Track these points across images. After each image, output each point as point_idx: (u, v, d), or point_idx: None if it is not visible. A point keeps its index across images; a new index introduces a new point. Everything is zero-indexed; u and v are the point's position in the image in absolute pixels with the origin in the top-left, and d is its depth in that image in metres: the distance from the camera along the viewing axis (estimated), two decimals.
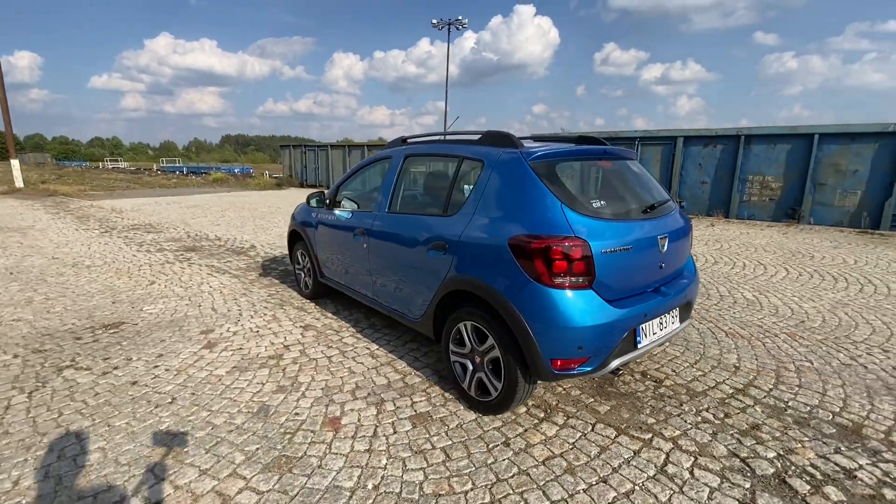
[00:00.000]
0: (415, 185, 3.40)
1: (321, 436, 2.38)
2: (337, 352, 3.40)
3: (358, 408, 2.64)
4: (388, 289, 3.29)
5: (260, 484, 2.03)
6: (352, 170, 3.99)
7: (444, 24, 41.41)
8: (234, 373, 3.05)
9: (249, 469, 2.12)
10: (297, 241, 4.71)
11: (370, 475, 2.09)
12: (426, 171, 3.32)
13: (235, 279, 5.35)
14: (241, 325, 3.89)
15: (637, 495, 1.98)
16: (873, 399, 2.83)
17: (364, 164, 3.87)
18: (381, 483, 2.04)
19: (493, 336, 2.38)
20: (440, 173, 3.05)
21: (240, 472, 2.10)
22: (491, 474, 2.10)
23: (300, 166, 21.10)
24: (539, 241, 2.17)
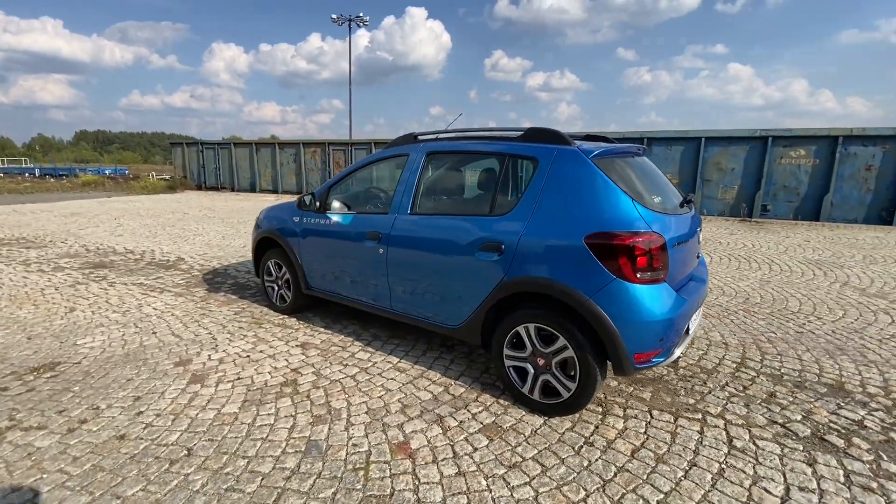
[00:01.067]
0: (443, 184, 3.20)
1: (398, 465, 2.12)
2: (357, 369, 3.07)
3: (419, 428, 2.41)
4: (414, 297, 3.05)
5: None
6: (347, 169, 3.63)
7: (344, 19, 40.11)
8: (250, 408, 2.59)
9: None
10: (269, 250, 4.17)
11: (479, 500, 1.91)
12: (454, 168, 3.15)
13: (182, 298, 4.56)
14: (224, 351, 3.32)
15: (730, 473, 2.10)
16: (835, 359, 3.37)
17: (365, 163, 3.54)
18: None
19: (565, 336, 2.34)
20: (478, 171, 2.92)
21: None
22: (595, 477, 2.06)
23: (197, 167, 18.79)
24: (621, 238, 2.18)
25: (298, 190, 16.93)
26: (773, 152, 11.15)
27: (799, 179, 11.13)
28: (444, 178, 3.16)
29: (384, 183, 3.89)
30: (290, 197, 16.00)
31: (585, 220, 2.30)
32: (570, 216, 2.35)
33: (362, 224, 3.31)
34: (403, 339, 3.60)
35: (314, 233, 3.65)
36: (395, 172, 3.24)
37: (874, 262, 6.55)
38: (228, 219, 10.36)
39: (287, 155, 17.01)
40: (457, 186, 3.14)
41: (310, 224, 3.68)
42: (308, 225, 3.69)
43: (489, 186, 2.75)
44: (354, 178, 3.62)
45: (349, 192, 3.66)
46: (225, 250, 6.91)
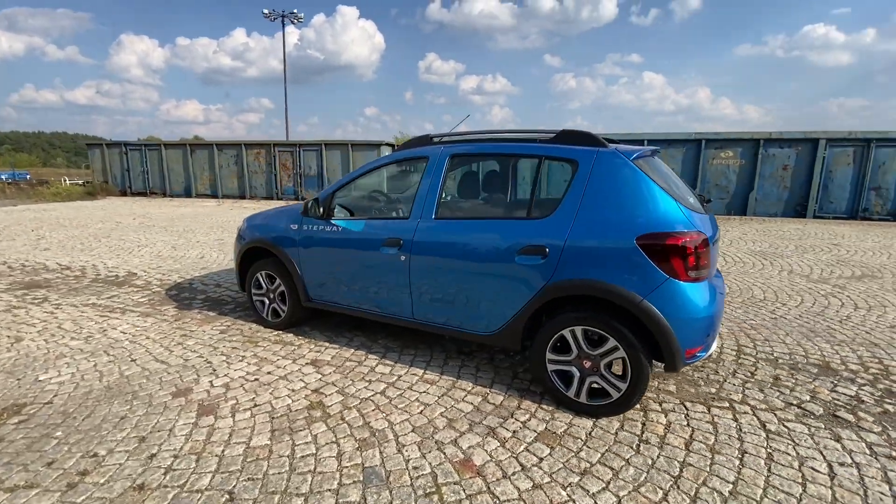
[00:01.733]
0: (470, 188, 3.09)
1: (470, 485, 2.01)
2: (384, 385, 2.89)
3: (474, 442, 2.31)
4: (439, 305, 2.93)
5: None
6: (353, 174, 3.41)
7: (276, 15, 38.34)
8: (282, 437, 2.34)
9: None
10: (258, 262, 3.82)
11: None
12: (481, 171, 3.06)
13: (151, 318, 4.05)
14: (227, 376, 2.99)
15: (778, 456, 2.23)
16: (812, 341, 3.73)
17: (374, 167, 3.35)
18: None
19: (616, 337, 2.36)
20: (508, 174, 2.86)
21: None
22: (665, 475, 2.09)
23: (120, 170, 16.94)
24: (674, 238, 2.24)
25: (241, 194, 15.88)
26: (706, 154, 12.21)
27: (728, 178, 12.29)
28: (471, 181, 3.07)
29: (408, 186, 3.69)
30: (232, 202, 15.00)
31: (635, 222, 2.33)
32: (619, 218, 2.37)
33: (378, 230, 3.12)
34: (417, 348, 3.45)
35: (318, 241, 3.39)
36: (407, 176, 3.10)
37: (806, 251, 7.37)
38: (171, 227, 9.44)
39: (227, 157, 15.87)
40: (485, 189, 3.06)
41: (312, 232, 3.42)
42: (310, 233, 3.43)
43: (524, 189, 2.72)
44: (362, 183, 3.41)
45: (355, 198, 3.45)
46: (181, 262, 6.27)
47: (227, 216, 11.34)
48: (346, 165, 14.77)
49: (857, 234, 9.27)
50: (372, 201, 3.67)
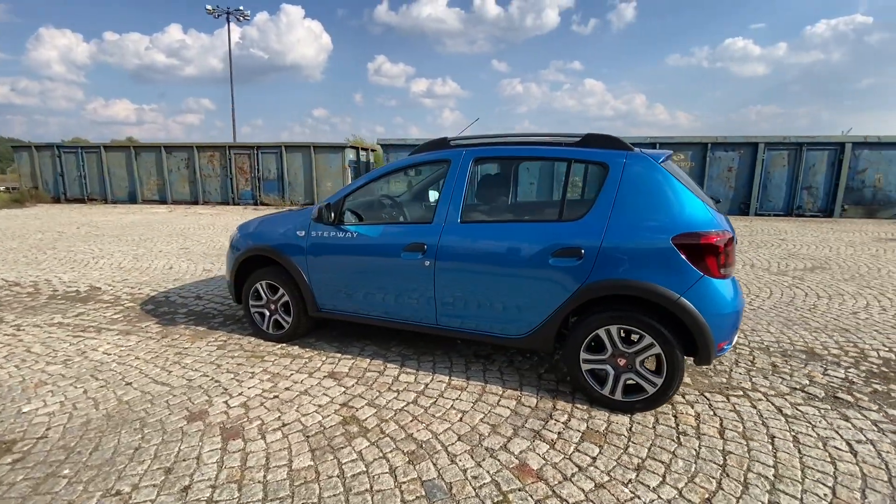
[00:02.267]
0: (496, 191, 3.06)
1: (535, 489, 1.99)
2: (413, 394, 2.82)
3: (524, 447, 2.30)
4: (466, 310, 2.90)
5: None
6: (367, 177, 3.29)
7: (220, 12, 36.55)
8: (325, 457, 2.21)
9: None
10: (257, 271, 3.60)
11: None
12: (506, 174, 3.04)
13: (134, 336, 3.70)
14: (242, 395, 2.78)
15: (803, 439, 2.39)
16: (792, 329, 4.04)
17: (389, 171, 3.25)
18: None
19: (652, 334, 2.44)
20: (535, 176, 2.87)
21: None
22: (713, 465, 2.18)
23: (53, 175, 15.39)
24: (708, 237, 2.35)
25: (193, 200, 14.94)
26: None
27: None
28: (497, 184, 3.05)
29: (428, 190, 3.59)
30: (185, 208, 14.10)
31: (669, 222, 2.42)
32: (653, 219, 2.45)
33: (397, 235, 3.04)
34: (434, 354, 3.39)
35: (330, 248, 3.25)
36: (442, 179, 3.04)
37: (760, 247, 8.00)
38: (124, 236, 8.69)
39: (177, 160, 14.86)
40: (512, 192, 3.06)
41: (323, 238, 3.27)
42: (321, 239, 3.27)
43: (553, 191, 2.75)
44: (377, 187, 3.31)
45: (373, 203, 3.33)
46: (148, 274, 5.79)
47: (184, 223, 10.62)
48: (308, 169, 14.30)
49: (797, 229, 10.19)
50: (384, 206, 3.57)
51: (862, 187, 12.06)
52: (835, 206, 12.14)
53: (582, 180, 2.77)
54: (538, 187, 13.15)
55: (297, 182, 14.47)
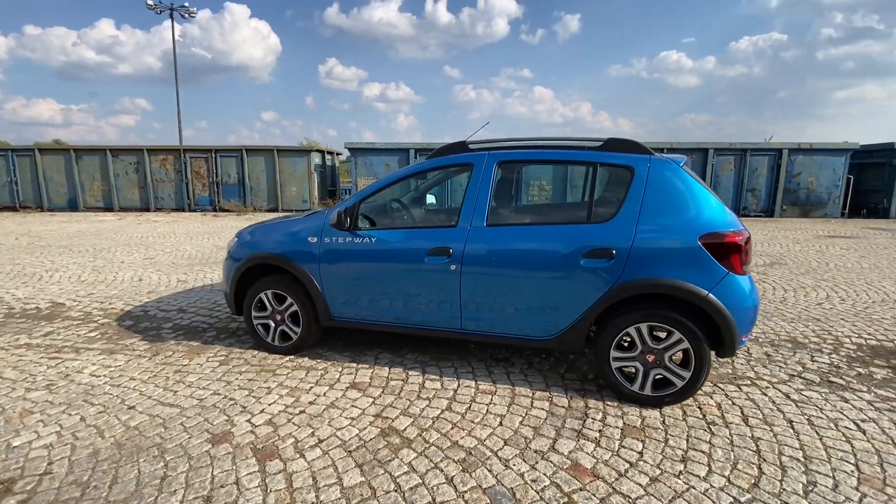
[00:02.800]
0: (521, 194, 3.07)
1: (596, 488, 2.01)
2: (445, 400, 2.77)
3: (572, 447, 2.32)
4: (494, 313, 2.89)
5: None
6: (383, 182, 3.20)
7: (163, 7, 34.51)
8: (374, 471, 2.12)
9: None
10: (260, 281, 3.41)
11: (695, 499, 1.96)
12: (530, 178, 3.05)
13: (121, 355, 3.39)
14: (264, 412, 2.62)
15: (817, 421, 2.57)
16: (772, 321, 4.35)
17: (409, 174, 3.19)
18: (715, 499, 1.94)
19: (681, 330, 2.55)
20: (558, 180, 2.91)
21: None
22: (747, 451, 2.30)
23: None
24: (732, 237, 2.48)
25: (144, 206, 13.94)
26: None
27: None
28: (519, 187, 3.07)
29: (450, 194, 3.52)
30: (136, 216, 13.17)
31: (695, 223, 2.54)
32: (679, 220, 2.57)
33: (420, 240, 2.99)
34: (450, 359, 3.36)
35: (347, 255, 3.13)
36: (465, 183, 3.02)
37: None
38: (74, 247, 7.95)
39: (125, 164, 13.82)
40: (537, 195, 3.08)
41: (338, 245, 3.15)
42: (336, 245, 3.15)
43: (580, 194, 2.81)
44: (393, 191, 3.23)
45: (381, 207, 3.24)
46: (117, 287, 5.32)
47: (139, 232, 9.88)
48: (271, 173, 13.75)
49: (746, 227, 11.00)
50: (396, 210, 3.50)
51: (797, 189, 13.25)
52: (775, 206, 13.25)
53: (606, 183, 2.85)
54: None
55: (260, 187, 13.87)
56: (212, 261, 6.82)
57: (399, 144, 13.63)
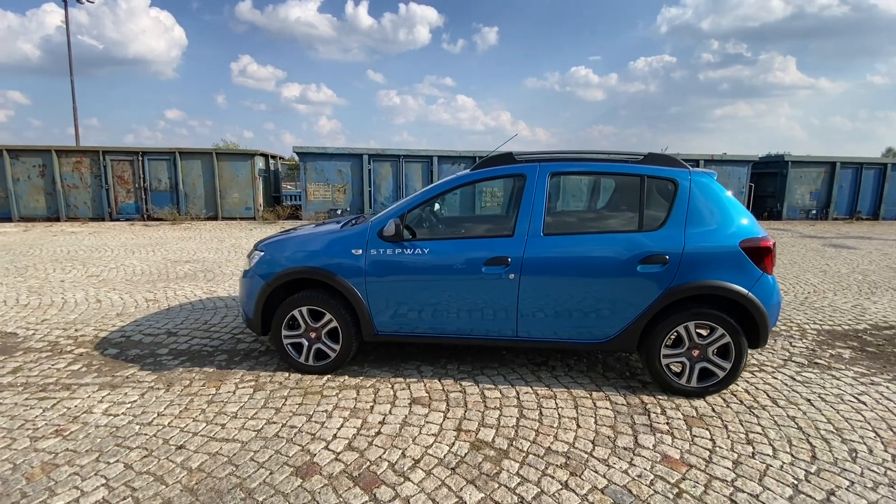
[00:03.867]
0: (573, 204, 3.17)
1: (692, 475, 2.19)
2: (513, 408, 2.80)
3: (653, 441, 2.48)
4: (550, 319, 2.99)
5: None
6: (429, 192, 3.15)
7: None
8: (488, 485, 2.10)
9: None
10: (293, 296, 3.18)
11: (778, 476, 2.20)
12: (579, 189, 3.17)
13: (127, 389, 2.97)
14: (339, 437, 2.46)
15: (827, 398, 3.00)
16: None
17: (459, 184, 3.17)
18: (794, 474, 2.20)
19: (723, 326, 2.84)
20: (612, 191, 3.08)
21: None
22: (792, 429, 2.62)
23: None
24: (766, 241, 2.83)
25: (52, 215, 12.10)
26: None
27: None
28: (575, 198, 3.19)
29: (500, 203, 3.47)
30: (45, 226, 11.46)
31: (734, 230, 2.86)
32: (721, 227, 2.87)
33: (476, 249, 3.00)
34: (492, 367, 3.40)
35: (397, 266, 3.05)
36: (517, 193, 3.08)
37: None
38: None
39: (27, 167, 11.88)
40: (589, 205, 3.21)
41: (387, 257, 3.05)
42: (384, 258, 3.05)
43: (631, 205, 3.01)
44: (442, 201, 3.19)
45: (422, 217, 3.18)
46: (73, 311, 4.60)
47: (61, 244, 8.55)
48: (210, 178, 12.66)
49: None
50: (440, 220, 3.47)
51: None
52: None
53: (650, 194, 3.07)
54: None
55: (197, 193, 12.70)
56: (176, 276, 6.15)
57: (353, 150, 13.28)
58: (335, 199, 13.54)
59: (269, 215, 12.49)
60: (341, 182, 13.49)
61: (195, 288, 5.56)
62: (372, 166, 13.48)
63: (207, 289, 5.53)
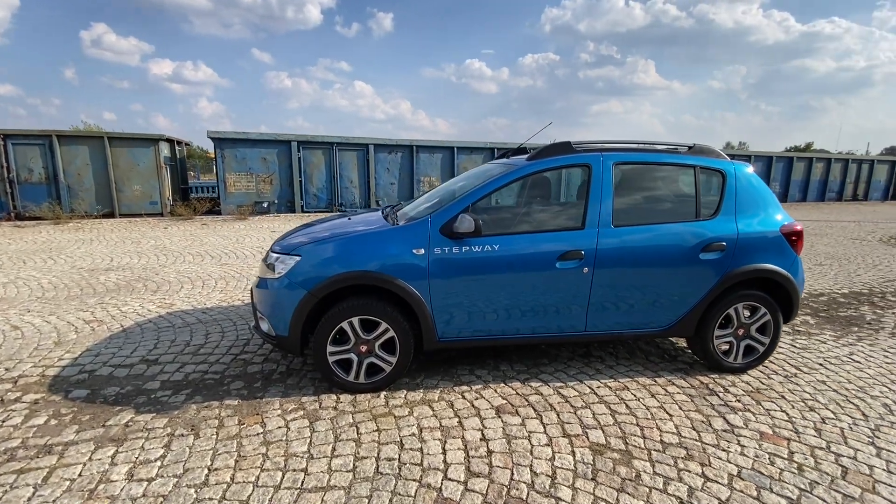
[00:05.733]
0: (637, 194, 3.09)
1: (794, 447, 2.34)
2: (598, 405, 2.75)
3: (739, 420, 2.61)
4: (617, 311, 2.98)
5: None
6: (497, 182, 2.88)
7: None
8: (637, 491, 2.02)
9: None
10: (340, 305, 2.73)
11: (841, 436, 2.45)
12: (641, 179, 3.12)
13: (143, 442, 2.31)
14: (445, 464, 2.18)
15: (830, 359, 3.44)
16: None
17: (524, 175, 2.95)
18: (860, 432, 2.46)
19: (765, 305, 3.09)
20: (669, 181, 3.11)
21: None
22: (832, 392, 2.95)
23: None
24: (799, 227, 3.11)
25: None
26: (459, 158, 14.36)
27: None
28: (636, 188, 3.12)
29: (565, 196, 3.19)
30: None
31: (774, 217, 3.10)
32: (764, 215, 3.09)
33: (549, 243, 2.85)
34: (545, 363, 3.31)
35: (466, 265, 2.77)
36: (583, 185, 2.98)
37: None
38: None
39: None
40: (648, 196, 3.17)
41: (454, 255, 2.75)
42: (451, 256, 2.75)
43: (684, 194, 3.08)
44: (507, 194, 2.95)
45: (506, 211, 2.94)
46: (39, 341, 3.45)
47: None
48: (102, 167, 10.52)
49: None
50: (504, 213, 3.24)
51: None
52: None
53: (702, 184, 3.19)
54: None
55: (84, 186, 10.48)
56: (105, 289, 4.98)
57: (280, 136, 12.05)
58: (260, 190, 12.22)
59: (183, 210, 10.80)
60: (267, 171, 12.21)
61: (144, 302, 4.57)
62: (302, 154, 12.40)
63: (161, 302, 4.58)
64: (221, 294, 4.91)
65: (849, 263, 7.11)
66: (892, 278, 6.18)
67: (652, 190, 3.15)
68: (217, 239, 8.33)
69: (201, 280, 5.47)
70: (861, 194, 21.25)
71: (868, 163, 21.47)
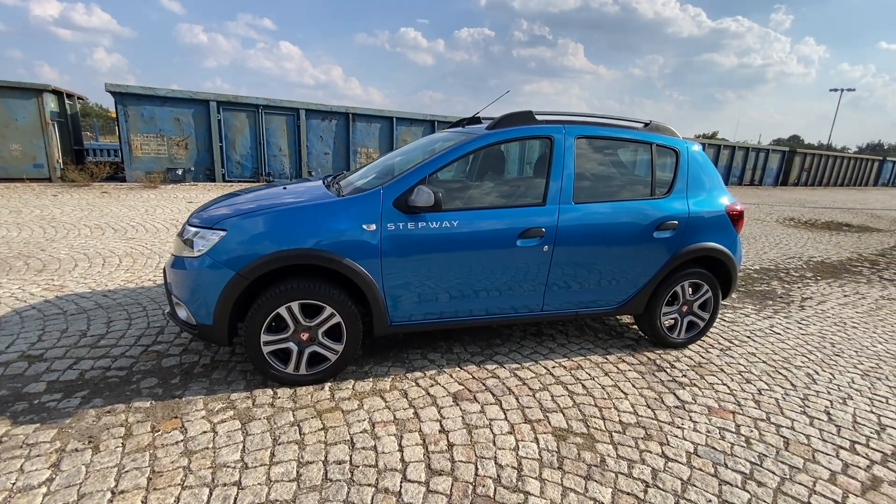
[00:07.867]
0: (594, 170, 2.94)
1: (740, 419, 2.43)
2: (556, 386, 2.68)
3: (688, 396, 2.67)
4: (573, 291, 2.90)
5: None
6: (454, 153, 2.60)
7: None
8: (604, 477, 1.95)
9: None
10: (275, 288, 2.36)
11: (790, 407, 2.61)
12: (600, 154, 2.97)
13: (25, 461, 1.83)
14: (403, 462, 1.96)
15: (805, 325, 3.70)
16: None
17: (483, 146, 2.68)
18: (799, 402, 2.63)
19: (707, 282, 3.20)
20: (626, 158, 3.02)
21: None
22: (777, 365, 3.15)
23: None
24: (740, 207, 3.21)
25: None
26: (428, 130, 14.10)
27: None
28: (594, 163, 2.98)
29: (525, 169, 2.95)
30: None
31: (720, 197, 3.17)
32: (711, 194, 3.14)
33: (510, 219, 2.67)
34: (494, 345, 3.20)
35: (423, 242, 2.50)
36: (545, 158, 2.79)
37: None
38: None
39: None
40: (607, 172, 3.05)
41: (409, 231, 2.47)
42: (405, 232, 2.46)
43: (641, 171, 3.03)
44: (458, 166, 2.67)
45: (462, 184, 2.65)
46: None
47: None
48: None
49: None
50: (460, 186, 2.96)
51: None
52: None
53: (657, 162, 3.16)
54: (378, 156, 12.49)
55: None
56: None
57: (195, 94, 10.67)
58: (174, 155, 10.85)
59: (78, 175, 9.25)
60: (181, 135, 10.83)
61: (24, 283, 3.78)
62: (223, 116, 11.13)
63: (48, 284, 3.81)
64: (127, 273, 4.21)
65: (756, 242, 7.84)
66: (791, 255, 6.90)
67: (610, 166, 3.09)
68: (121, 209, 7.24)
69: (101, 257, 4.67)
70: (757, 180, 23.79)
71: (764, 151, 23.99)
